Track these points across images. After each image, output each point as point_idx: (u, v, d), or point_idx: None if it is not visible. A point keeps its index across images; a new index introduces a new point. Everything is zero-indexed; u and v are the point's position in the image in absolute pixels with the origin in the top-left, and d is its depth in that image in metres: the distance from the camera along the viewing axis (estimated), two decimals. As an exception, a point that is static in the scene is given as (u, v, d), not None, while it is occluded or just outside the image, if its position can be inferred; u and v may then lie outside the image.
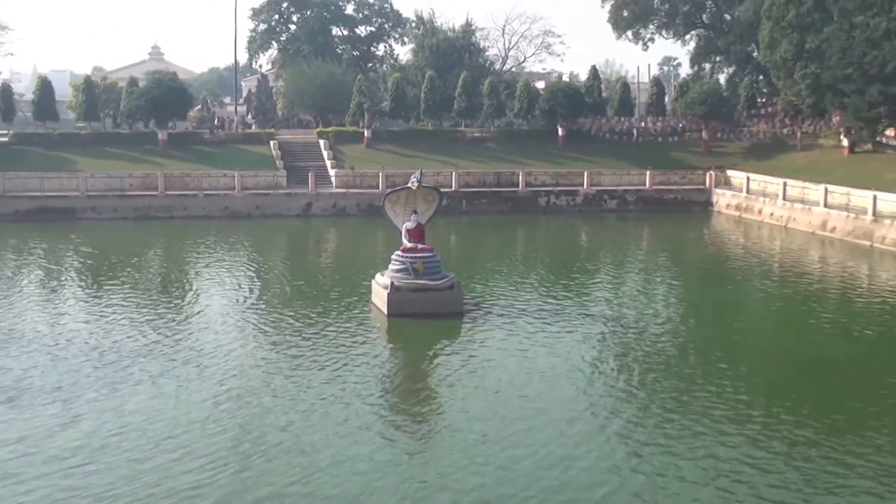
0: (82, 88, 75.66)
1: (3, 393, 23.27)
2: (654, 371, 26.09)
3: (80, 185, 60.43)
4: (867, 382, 25.30)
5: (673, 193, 66.30)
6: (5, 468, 18.55)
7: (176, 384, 24.23)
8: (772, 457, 19.31)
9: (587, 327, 30.90)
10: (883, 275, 41.88)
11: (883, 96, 57.67)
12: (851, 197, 52.45)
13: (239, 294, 37.33)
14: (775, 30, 66.16)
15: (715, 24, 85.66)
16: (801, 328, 32.52)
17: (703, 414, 21.99)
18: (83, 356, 26.71)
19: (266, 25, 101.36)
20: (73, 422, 21.23)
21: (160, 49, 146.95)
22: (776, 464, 18.94)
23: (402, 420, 22.45)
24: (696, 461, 19.08)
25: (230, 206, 61.10)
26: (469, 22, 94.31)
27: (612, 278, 42.76)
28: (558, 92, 75.57)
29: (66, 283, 39.83)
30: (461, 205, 61.48)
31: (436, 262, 32.40)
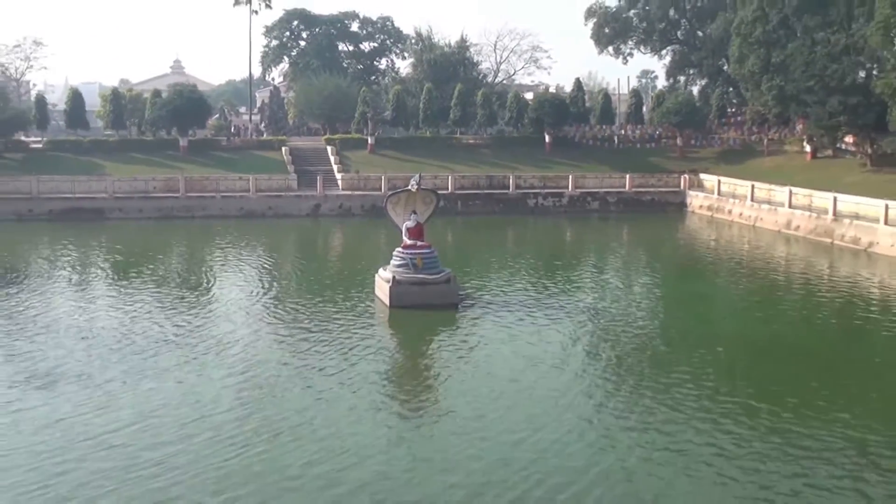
0: (110, 99, 75.71)
1: (40, 378, 23.34)
2: (633, 357, 26.22)
3: (108, 188, 60.42)
4: (826, 366, 25.50)
5: (650, 195, 66.32)
6: (43, 448, 18.61)
7: (198, 371, 24.29)
8: (742, 431, 19.48)
9: (572, 317, 30.97)
10: (842, 269, 41.97)
11: (842, 106, 57.69)
12: (813, 198, 52.56)
13: (254, 287, 37.38)
14: (744, 45, 66.25)
15: (688, 40, 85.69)
16: (767, 318, 32.55)
17: (678, 398, 22.08)
18: (113, 345, 26.75)
19: (278, 41, 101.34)
20: (105, 406, 21.28)
21: (181, 63, 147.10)
22: (746, 438, 19.10)
23: (405, 403, 22.55)
24: (672, 437, 19.23)
25: (245, 207, 61.10)
26: (464, 38, 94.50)
27: (594, 273, 42.85)
28: (545, 102, 75.75)
29: (95, 277, 39.89)
30: (457, 206, 61.50)
31: (434, 258, 32.47)
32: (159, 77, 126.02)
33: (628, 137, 76.95)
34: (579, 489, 16.74)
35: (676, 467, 17.79)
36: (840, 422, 20.27)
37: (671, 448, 18.71)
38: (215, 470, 17.51)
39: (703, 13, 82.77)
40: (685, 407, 21.29)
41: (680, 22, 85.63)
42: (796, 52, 60.92)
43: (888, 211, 45.27)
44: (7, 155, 66.02)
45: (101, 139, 73.29)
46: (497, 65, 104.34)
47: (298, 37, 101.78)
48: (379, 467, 17.73)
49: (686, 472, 17.59)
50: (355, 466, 17.79)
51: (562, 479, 17.15)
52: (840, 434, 19.46)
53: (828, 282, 39.39)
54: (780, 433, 19.50)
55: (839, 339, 29.12)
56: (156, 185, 61.87)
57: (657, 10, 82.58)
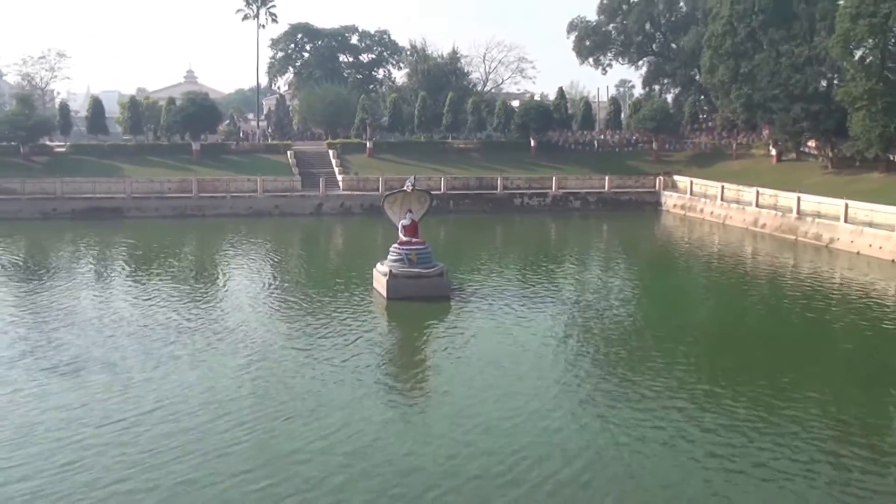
0: (128, 106, 75.46)
1: (66, 366, 23.29)
2: (612, 345, 26.26)
3: (126, 189, 60.24)
4: (790, 353, 25.53)
5: (628, 195, 66.29)
6: (70, 429, 18.61)
7: (211, 358, 24.25)
8: (716, 412, 19.55)
9: (555, 308, 31.03)
10: (804, 263, 42.05)
11: (805, 113, 57.79)
12: (779, 198, 52.66)
13: (262, 280, 37.33)
14: (714, 57, 66.30)
15: (663, 52, 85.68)
16: (735, 308, 32.70)
17: (654, 380, 22.16)
18: (132, 334, 26.69)
19: (284, 53, 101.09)
20: (125, 390, 21.26)
21: (194, 73, 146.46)
22: (719, 418, 19.18)
23: (402, 386, 22.58)
24: (651, 421, 19.28)
25: (253, 206, 60.95)
26: (455, 50, 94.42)
27: (576, 266, 42.89)
28: (531, 109, 75.64)
29: (116, 271, 39.70)
30: (449, 205, 61.39)
31: (427, 254, 32.45)
32: (174, 86, 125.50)
33: (607, 142, 76.95)
34: (572, 470, 16.75)
35: (659, 447, 17.81)
36: (803, 402, 20.37)
37: (653, 428, 18.74)
38: (231, 451, 17.48)
39: (676, 27, 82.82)
40: (664, 391, 21.35)
41: (655, 35, 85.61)
42: (763, 62, 61.01)
43: (847, 210, 45.39)
44: (33, 158, 65.75)
45: (119, 143, 73.00)
46: (486, 74, 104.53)
47: (302, 49, 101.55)
48: (381, 448, 17.71)
49: (667, 451, 17.63)
50: (360, 447, 17.78)
51: (553, 459, 17.20)
52: (802, 414, 19.55)
53: (792, 275, 39.48)
54: (746, 417, 19.58)
55: (802, 327, 29.19)
56: (170, 186, 61.67)
57: (634, 25, 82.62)
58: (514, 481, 16.07)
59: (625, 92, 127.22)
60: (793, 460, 17.07)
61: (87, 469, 16.58)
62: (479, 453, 17.35)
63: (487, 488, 15.84)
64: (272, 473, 16.41)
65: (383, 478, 16.20)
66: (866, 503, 15.47)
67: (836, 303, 32.88)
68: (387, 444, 17.86)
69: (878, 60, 52.59)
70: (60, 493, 15.58)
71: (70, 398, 20.64)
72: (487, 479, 16.17)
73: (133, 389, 21.28)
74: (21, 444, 17.75)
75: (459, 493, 15.68)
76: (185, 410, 19.80)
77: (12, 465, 16.70)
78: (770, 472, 16.56)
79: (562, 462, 16.99)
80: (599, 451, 17.60)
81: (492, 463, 16.86)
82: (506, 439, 18.07)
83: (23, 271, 38.68)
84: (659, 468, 16.79)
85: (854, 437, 18.55)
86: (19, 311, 30.54)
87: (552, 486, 15.96)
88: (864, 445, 18.01)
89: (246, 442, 17.95)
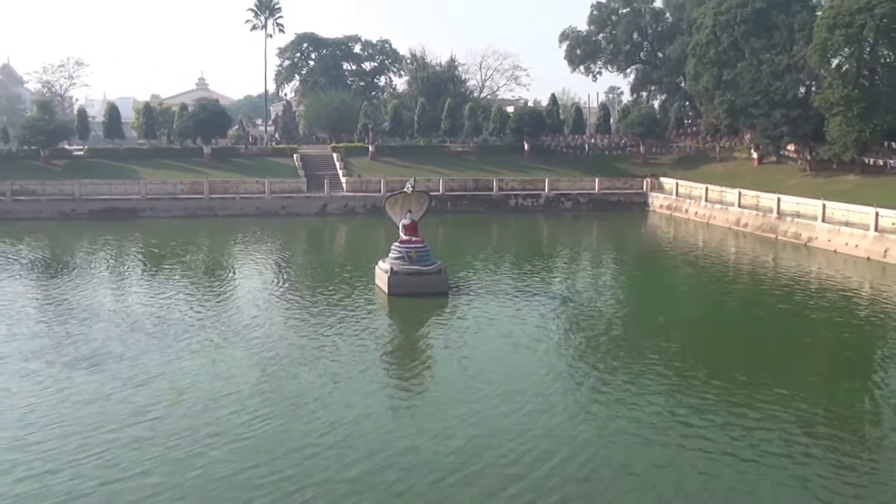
0: (143, 112, 75.53)
1: (88, 359, 23.36)
2: (602, 337, 26.37)
3: (140, 190, 60.33)
4: (769, 346, 25.62)
5: (617, 196, 66.36)
6: (93, 420, 18.69)
7: (224, 352, 24.31)
8: (699, 402, 19.69)
9: (548, 303, 31.12)
10: (784, 261, 42.18)
11: (785, 118, 57.90)
12: (760, 199, 52.78)
13: (270, 277, 37.42)
14: (699, 65, 66.37)
15: (650, 60, 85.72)
16: (718, 304, 32.82)
17: (640, 371, 22.30)
18: (149, 329, 26.77)
19: (290, 61, 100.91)
20: (144, 382, 21.33)
21: (205, 80, 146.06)
22: (702, 408, 19.31)
23: (406, 378, 22.70)
24: (638, 407, 19.41)
25: (261, 207, 60.99)
26: (453, 59, 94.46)
27: (567, 264, 42.99)
28: (525, 115, 75.80)
29: (131, 268, 39.73)
30: (447, 206, 61.39)
31: (426, 252, 32.52)
32: (186, 93, 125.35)
33: (597, 146, 77.14)
34: (565, 456, 16.84)
35: (645, 435, 17.93)
36: (780, 393, 20.48)
37: (640, 419, 18.85)
38: (244, 439, 17.56)
39: (663, 36, 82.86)
40: (650, 382, 21.49)
41: (643, 44, 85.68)
42: (744, 70, 61.10)
43: (825, 210, 45.53)
44: (53, 161, 65.79)
45: (134, 147, 73.08)
46: (482, 82, 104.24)
47: (308, 57, 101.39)
48: (384, 435, 17.81)
49: (653, 439, 17.75)
50: (364, 435, 17.88)
51: (547, 447, 17.30)
52: (779, 403, 19.67)
53: (772, 272, 39.59)
54: (726, 404, 19.76)
55: (781, 321, 29.27)
56: (183, 187, 61.75)
57: (623, 35, 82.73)
58: (518, 474, 16.03)
59: (614, 98, 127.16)
60: (772, 442, 17.21)
61: (107, 455, 16.67)
62: (479, 446, 17.33)
63: (488, 478, 15.83)
64: (282, 461, 16.51)
65: (389, 470, 16.16)
66: (839, 474, 15.63)
67: (813, 298, 32.98)
68: (389, 434, 17.91)
69: (853, 68, 52.76)
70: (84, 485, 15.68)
71: (94, 390, 20.69)
72: (489, 470, 16.16)
73: (152, 381, 21.33)
74: (49, 436, 17.75)
75: (464, 484, 15.62)
76: (201, 402, 19.87)
77: (34, 459, 16.79)
78: (752, 452, 16.71)
79: (559, 450, 17.09)
80: (592, 440, 17.72)
81: (492, 454, 16.83)
82: (506, 431, 18.12)
83: (45, 268, 38.73)
84: (648, 453, 16.90)
85: (828, 420, 18.73)
86: (42, 306, 30.65)
87: (547, 473, 16.06)
88: (837, 428, 18.18)
89: (260, 434, 17.95)
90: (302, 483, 15.59)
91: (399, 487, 15.46)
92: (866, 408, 20.23)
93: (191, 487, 15.42)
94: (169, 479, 15.68)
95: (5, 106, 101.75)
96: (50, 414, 18.97)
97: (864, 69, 53.08)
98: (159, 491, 15.25)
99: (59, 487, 15.33)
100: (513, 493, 15.17)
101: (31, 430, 17.96)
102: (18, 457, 16.57)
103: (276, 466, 16.30)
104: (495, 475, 15.93)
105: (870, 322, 29.01)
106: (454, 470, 16.18)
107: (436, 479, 15.82)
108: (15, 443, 17.28)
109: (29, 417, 18.75)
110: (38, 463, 16.36)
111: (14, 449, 16.97)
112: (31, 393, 20.45)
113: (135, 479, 15.69)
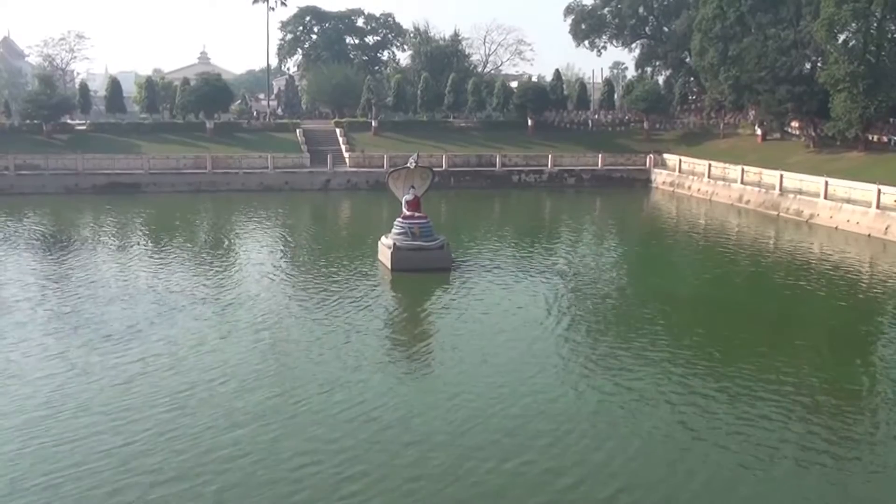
0: (145, 86, 75.50)
1: (93, 331, 23.70)
2: (604, 311, 26.68)
3: (143, 165, 60.47)
4: (768, 321, 25.95)
5: (620, 172, 66.38)
6: (96, 388, 19.09)
7: (225, 324, 24.65)
8: (694, 374, 20.00)
9: (551, 278, 31.36)
10: (785, 238, 42.38)
11: (790, 95, 57.78)
12: (763, 175, 52.85)
13: (274, 252, 37.70)
14: (704, 40, 66.05)
15: (655, 35, 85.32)
16: (719, 279, 33.06)
17: (645, 346, 22.59)
18: (151, 302, 27.09)
19: (293, 35, 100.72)
20: (146, 353, 21.67)
21: (207, 54, 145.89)
22: (703, 380, 19.63)
23: (408, 351, 23.01)
24: (639, 380, 19.72)
25: (264, 182, 61.17)
26: (457, 33, 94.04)
27: (570, 239, 43.19)
28: (528, 90, 75.69)
29: (135, 243, 40.01)
30: (450, 181, 61.47)
31: (429, 227, 32.70)
32: (188, 67, 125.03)
33: (601, 121, 77.02)
34: (565, 430, 17.13)
35: (646, 408, 18.24)
36: (778, 366, 20.76)
37: (643, 392, 19.14)
38: (244, 413, 17.81)
39: (668, 11, 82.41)
40: (650, 354, 21.78)
41: (648, 19, 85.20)
42: (750, 46, 60.84)
43: (827, 187, 45.64)
44: (55, 136, 65.92)
45: (137, 122, 73.23)
46: (486, 56, 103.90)
47: (310, 31, 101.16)
48: (385, 406, 18.09)
49: (654, 410, 18.07)
50: (365, 404, 18.19)
51: (548, 420, 17.62)
52: (776, 376, 19.97)
53: (773, 249, 39.81)
54: (726, 376, 20.03)
55: (784, 298, 29.53)
56: (186, 162, 61.85)
57: (628, 8, 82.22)
58: (521, 444, 16.29)
59: (618, 73, 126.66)
60: (773, 410, 17.52)
61: (114, 433, 16.96)
62: (484, 416, 17.59)
63: (490, 450, 16.09)
64: (283, 427, 16.84)
65: (392, 443, 16.40)
66: (833, 447, 15.96)
67: (813, 274, 33.21)
68: (390, 405, 18.18)
69: (860, 44, 52.61)
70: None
71: (99, 361, 21.02)
72: (490, 443, 16.42)
73: (154, 352, 21.64)
74: (73, 414, 18.03)
75: (467, 458, 15.82)
76: (198, 372, 20.23)
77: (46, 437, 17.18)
78: (749, 420, 17.04)
79: (565, 419, 17.42)
80: (594, 412, 18.00)
81: (494, 427, 17.08)
82: (508, 403, 18.36)
83: (52, 243, 39.01)
84: (650, 420, 17.24)
85: (825, 390, 19.09)
86: (51, 281, 30.97)
87: (549, 442, 16.38)
88: (835, 401, 18.47)
89: (258, 404, 18.26)
90: (310, 459, 15.74)
91: (399, 461, 15.65)
92: (862, 380, 20.47)
93: (181, 460, 15.51)
94: (156, 447, 15.97)
95: (7, 80, 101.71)
96: (73, 392, 19.08)
97: (871, 45, 52.90)
98: (158, 463, 15.47)
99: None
100: (518, 463, 15.46)
101: (43, 406, 18.31)
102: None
103: (274, 430, 16.63)
104: (499, 447, 16.17)
105: (868, 297, 29.33)
106: (455, 441, 16.48)
107: (435, 451, 16.07)
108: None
109: (33, 393, 19.02)
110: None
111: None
112: (40, 365, 20.79)
113: (140, 458, 15.96)
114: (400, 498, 14.28)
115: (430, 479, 14.90)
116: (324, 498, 14.25)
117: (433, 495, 14.40)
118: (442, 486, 14.65)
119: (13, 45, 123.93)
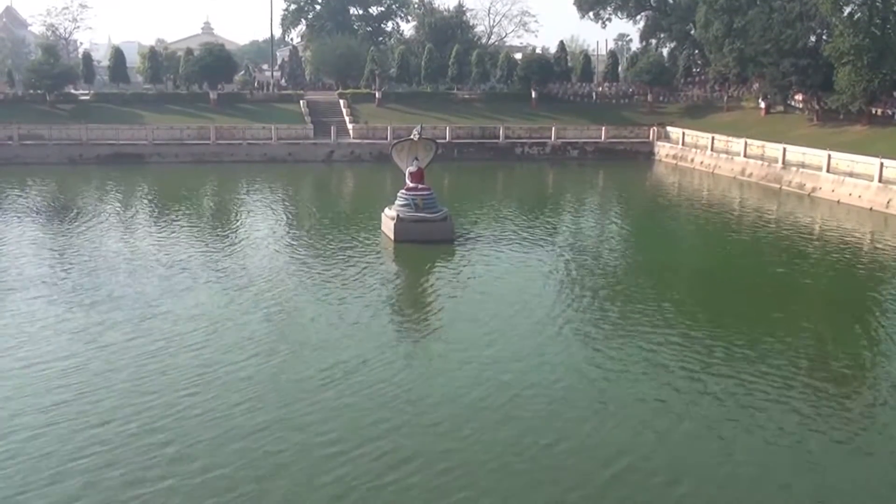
0: (148, 57, 75.34)
1: (97, 300, 23.89)
2: (606, 283, 26.76)
3: (147, 136, 60.41)
4: (769, 292, 26.04)
5: (623, 145, 66.27)
6: (104, 355, 19.28)
7: (228, 293, 24.81)
8: (698, 347, 20.15)
9: (553, 250, 31.51)
10: (787, 211, 42.42)
11: (794, 68, 57.56)
12: (766, 149, 52.78)
13: (277, 223, 37.81)
14: (709, 12, 65.69)
15: (660, 6, 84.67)
16: (721, 252, 33.19)
17: (648, 317, 22.73)
18: (155, 271, 27.27)
19: (296, 5, 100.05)
20: (151, 320, 21.93)
21: (210, 24, 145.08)
22: (700, 351, 19.77)
23: (411, 322, 23.18)
24: (640, 353, 19.89)
25: (268, 153, 61.15)
26: (461, 4, 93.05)
27: (573, 212, 43.29)
28: (532, 62, 75.43)
29: (138, 213, 40.07)
30: (453, 153, 61.41)
31: (432, 199, 32.75)
32: (191, 37, 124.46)
33: (605, 94, 76.69)
34: (563, 394, 17.37)
35: (650, 379, 18.39)
36: (782, 333, 20.97)
37: (646, 361, 19.34)
38: (244, 380, 18.00)
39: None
40: (654, 326, 21.91)
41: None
42: (755, 18, 60.51)
43: (830, 160, 45.60)
44: (59, 106, 65.83)
45: (140, 92, 73.00)
46: (490, 28, 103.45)
47: (314, 1, 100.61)
48: (388, 377, 18.22)
49: (658, 381, 18.23)
50: (366, 373, 18.35)
51: (554, 385, 17.83)
52: (776, 346, 20.15)
53: (775, 221, 39.85)
54: (729, 349, 20.19)
55: (785, 270, 29.65)
56: (189, 133, 61.80)
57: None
58: (524, 415, 16.47)
59: (623, 46, 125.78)
60: (762, 391, 17.72)
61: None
62: (483, 389, 17.70)
63: (492, 418, 16.31)
64: (283, 396, 17.01)
65: (394, 406, 16.62)
66: (835, 416, 16.16)
67: (816, 247, 33.36)
68: (392, 376, 18.28)
69: (865, 17, 52.30)
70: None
71: (106, 328, 21.22)
72: (491, 410, 16.62)
73: (158, 319, 21.83)
74: (67, 379, 18.32)
75: (465, 419, 16.10)
76: (202, 339, 20.43)
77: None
78: (749, 388, 17.24)
79: (569, 387, 17.62)
80: (601, 375, 18.21)
81: (496, 397, 17.23)
82: (510, 373, 18.54)
83: (57, 213, 39.13)
84: (651, 388, 17.44)
85: (827, 362, 19.28)
86: (55, 251, 31.16)
87: (552, 411, 16.58)
88: (835, 371, 18.67)
89: (258, 367, 18.51)
90: (305, 421, 16.00)
91: (399, 424, 15.84)
92: (862, 351, 20.65)
93: (189, 428, 15.63)
94: (164, 420, 16.17)
95: (10, 49, 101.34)
96: (68, 357, 19.42)
97: (877, 18, 52.59)
98: (158, 431, 15.66)
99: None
100: (520, 429, 15.68)
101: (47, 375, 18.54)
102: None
103: (274, 399, 16.80)
104: (504, 414, 16.38)
105: (868, 270, 29.48)
106: (453, 405, 16.70)
107: (437, 416, 16.28)
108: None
109: (45, 363, 19.21)
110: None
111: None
112: (42, 332, 20.97)
113: (137, 417, 16.20)
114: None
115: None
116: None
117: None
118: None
119: (16, 14, 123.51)
